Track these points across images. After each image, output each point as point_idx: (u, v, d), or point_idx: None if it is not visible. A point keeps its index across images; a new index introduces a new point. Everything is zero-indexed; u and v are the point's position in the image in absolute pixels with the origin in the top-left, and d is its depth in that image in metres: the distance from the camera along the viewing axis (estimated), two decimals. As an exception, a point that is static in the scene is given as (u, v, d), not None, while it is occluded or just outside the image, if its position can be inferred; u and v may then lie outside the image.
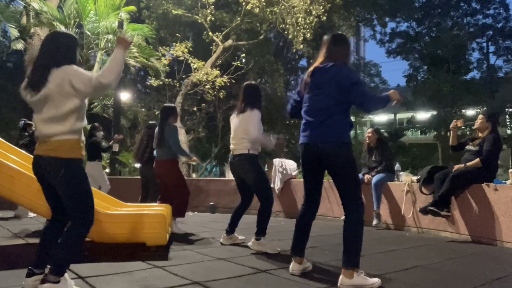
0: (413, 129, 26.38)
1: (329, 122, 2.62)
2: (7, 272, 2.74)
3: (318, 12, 11.88)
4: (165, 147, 4.72)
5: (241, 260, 3.22)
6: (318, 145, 2.64)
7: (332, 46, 2.74)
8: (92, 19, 10.09)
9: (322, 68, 2.70)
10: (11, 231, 4.61)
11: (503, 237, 4.03)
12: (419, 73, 24.99)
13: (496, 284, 2.63)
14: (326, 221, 6.02)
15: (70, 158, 2.19)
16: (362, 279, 2.50)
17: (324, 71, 2.68)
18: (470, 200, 4.38)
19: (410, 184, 5.08)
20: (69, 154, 2.19)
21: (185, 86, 13.20)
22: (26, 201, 3.46)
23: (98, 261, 3.06)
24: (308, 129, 2.71)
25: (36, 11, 9.90)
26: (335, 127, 2.62)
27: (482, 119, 4.55)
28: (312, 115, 2.71)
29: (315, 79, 2.72)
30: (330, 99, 2.63)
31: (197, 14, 13.15)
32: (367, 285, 2.48)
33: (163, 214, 3.67)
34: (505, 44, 25.29)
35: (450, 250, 3.87)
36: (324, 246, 3.86)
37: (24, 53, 10.68)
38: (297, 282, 2.61)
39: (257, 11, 12.06)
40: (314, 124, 2.67)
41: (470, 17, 25.53)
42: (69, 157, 2.19)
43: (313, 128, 2.68)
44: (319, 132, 2.64)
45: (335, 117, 2.62)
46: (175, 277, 2.64)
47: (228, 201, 7.12)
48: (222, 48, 13.53)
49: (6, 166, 3.39)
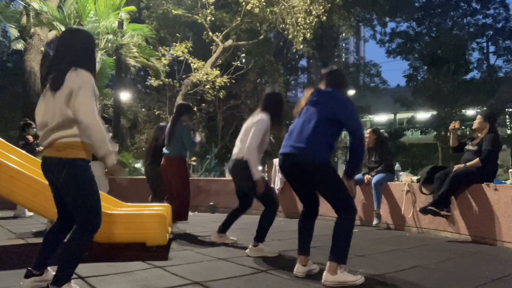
0: (413, 129, 26.39)
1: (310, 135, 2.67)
2: (7, 272, 2.74)
3: (318, 12, 11.88)
4: (175, 144, 4.64)
5: (241, 260, 3.22)
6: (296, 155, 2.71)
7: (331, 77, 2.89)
8: (92, 19, 10.08)
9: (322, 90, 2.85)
10: (11, 231, 4.61)
11: (503, 237, 4.03)
12: (419, 73, 24.98)
13: (496, 284, 2.63)
14: (326, 221, 6.02)
15: (73, 158, 2.16)
16: (345, 275, 2.55)
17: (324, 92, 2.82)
18: (470, 200, 4.38)
19: (410, 184, 5.08)
20: (72, 154, 2.16)
21: (185, 86, 13.21)
22: (26, 201, 3.46)
23: (98, 261, 3.05)
24: (290, 140, 2.78)
25: (36, 11, 9.90)
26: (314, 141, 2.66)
27: (480, 119, 4.56)
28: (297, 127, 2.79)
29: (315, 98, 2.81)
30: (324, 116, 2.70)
31: (197, 14, 13.16)
32: (350, 282, 2.52)
33: (163, 214, 3.67)
34: (505, 44, 25.29)
35: (450, 250, 3.87)
36: (324, 246, 3.84)
37: (24, 53, 10.69)
38: (297, 282, 2.61)
39: (257, 11, 12.07)
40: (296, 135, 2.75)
41: (470, 17, 25.52)
42: (73, 157, 2.16)
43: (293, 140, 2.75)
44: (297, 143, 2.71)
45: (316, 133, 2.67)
46: (175, 277, 2.64)
47: (228, 201, 7.11)
48: (222, 48, 13.54)
49: (6, 166, 3.39)
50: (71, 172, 2.15)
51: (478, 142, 4.45)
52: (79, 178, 2.18)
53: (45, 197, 3.41)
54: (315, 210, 2.96)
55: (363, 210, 5.65)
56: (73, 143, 2.16)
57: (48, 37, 11.36)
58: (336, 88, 2.82)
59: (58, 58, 2.22)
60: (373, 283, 2.63)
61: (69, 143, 2.15)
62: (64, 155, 2.15)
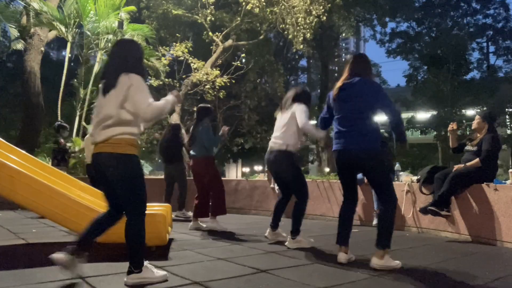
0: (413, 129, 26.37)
1: (357, 130, 3.02)
2: (7, 272, 2.74)
3: (318, 12, 11.88)
4: (199, 145, 4.87)
5: (241, 260, 3.22)
6: (351, 151, 3.05)
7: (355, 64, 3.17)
8: (92, 19, 10.09)
9: (348, 83, 3.11)
10: (11, 231, 4.61)
11: (503, 237, 4.03)
12: (419, 73, 24.97)
13: (496, 284, 2.63)
14: (326, 221, 6.02)
15: (126, 154, 2.37)
16: (390, 261, 2.95)
17: (350, 85, 3.09)
18: (470, 200, 4.38)
19: (410, 184, 5.08)
20: (127, 150, 2.37)
21: (185, 86, 13.20)
22: (26, 201, 3.46)
23: (98, 261, 3.05)
24: (341, 138, 3.10)
25: (36, 11, 9.91)
26: (364, 134, 3.01)
27: (478, 120, 4.56)
28: (343, 125, 3.11)
29: (344, 93, 3.11)
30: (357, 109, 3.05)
31: (197, 14, 13.15)
32: (393, 266, 2.93)
33: (163, 214, 3.67)
34: (505, 44, 25.30)
35: (450, 250, 3.87)
36: (324, 246, 3.86)
37: (24, 53, 10.69)
38: (297, 282, 2.61)
39: (257, 11, 12.06)
40: (345, 132, 3.08)
41: (470, 17, 25.54)
42: (127, 153, 2.37)
43: (345, 137, 3.08)
44: (350, 140, 3.04)
45: (362, 125, 3.03)
46: (175, 277, 2.64)
47: (228, 201, 7.07)
48: (222, 48, 13.53)
49: (6, 166, 3.39)
50: (126, 167, 2.38)
51: (478, 143, 4.45)
52: (132, 173, 2.40)
53: (45, 197, 3.42)
54: (356, 196, 3.29)
55: (363, 210, 5.65)
56: (128, 140, 2.38)
57: (48, 37, 11.37)
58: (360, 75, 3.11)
59: (111, 65, 2.51)
60: (373, 283, 2.63)
61: (124, 140, 2.37)
62: (120, 150, 2.36)
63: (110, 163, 2.36)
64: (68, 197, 3.51)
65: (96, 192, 4.50)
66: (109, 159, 2.36)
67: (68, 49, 10.45)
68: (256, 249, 3.71)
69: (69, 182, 4.42)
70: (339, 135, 3.13)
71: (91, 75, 10.36)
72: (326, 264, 3.14)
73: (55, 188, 3.56)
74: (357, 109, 3.04)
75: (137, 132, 2.45)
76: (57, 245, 3.82)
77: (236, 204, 7.19)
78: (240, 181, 7.43)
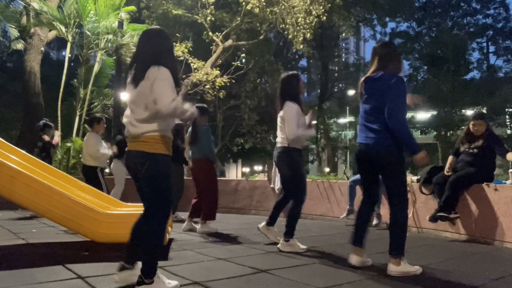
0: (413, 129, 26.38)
1: (378, 126, 2.88)
2: (7, 272, 2.73)
3: (318, 12, 11.87)
4: (199, 146, 4.83)
5: (241, 260, 3.22)
6: (369, 147, 2.93)
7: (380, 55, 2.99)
8: (92, 19, 10.08)
9: (371, 78, 2.98)
10: (11, 231, 4.61)
11: (503, 237, 4.03)
12: (419, 73, 25.00)
13: (496, 284, 2.63)
14: (326, 221, 6.02)
15: (155, 153, 2.28)
16: (408, 266, 2.82)
17: (373, 80, 2.96)
18: (470, 200, 4.38)
19: (410, 184, 5.08)
20: (154, 149, 2.28)
21: (185, 86, 13.19)
22: (26, 201, 3.46)
23: (98, 261, 3.05)
24: (362, 131, 3.01)
25: (36, 11, 9.90)
26: (384, 132, 2.85)
27: (481, 123, 4.45)
28: (366, 118, 2.99)
29: (366, 87, 3.00)
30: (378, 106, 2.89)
31: (197, 14, 13.14)
32: (412, 272, 2.81)
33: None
34: (505, 44, 25.33)
35: (450, 250, 3.87)
36: (324, 246, 3.86)
37: (24, 53, 10.69)
38: (297, 282, 2.61)
39: (257, 11, 12.05)
40: (367, 127, 2.96)
41: (470, 17, 25.55)
42: (154, 152, 2.28)
43: (366, 131, 2.97)
44: (371, 136, 2.92)
45: (384, 121, 2.85)
46: (175, 277, 2.64)
47: (228, 201, 7.11)
48: (222, 48, 13.52)
49: (6, 166, 3.39)
50: (153, 167, 2.28)
51: (480, 145, 4.39)
52: (158, 173, 2.30)
53: (45, 197, 3.42)
54: (375, 198, 3.19)
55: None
56: (157, 137, 2.29)
57: (48, 37, 11.36)
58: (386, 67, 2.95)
59: (140, 57, 2.38)
60: (373, 283, 2.63)
61: (153, 137, 2.28)
62: (148, 149, 2.28)
63: (138, 161, 2.29)
64: (68, 197, 3.51)
65: (96, 192, 4.51)
66: (137, 157, 2.29)
67: (68, 49, 10.44)
68: (256, 249, 3.71)
69: (69, 182, 4.42)
70: (361, 128, 3.05)
71: (91, 75, 10.35)
72: (326, 264, 3.14)
73: (55, 188, 3.56)
74: (378, 105, 2.88)
75: (166, 129, 2.35)
76: (57, 245, 3.84)
77: (236, 204, 7.19)
78: (240, 181, 7.42)
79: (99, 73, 10.99)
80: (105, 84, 12.07)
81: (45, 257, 3.24)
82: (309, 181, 6.61)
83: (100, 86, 11.67)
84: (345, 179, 6.63)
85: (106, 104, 11.99)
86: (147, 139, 2.28)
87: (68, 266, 2.87)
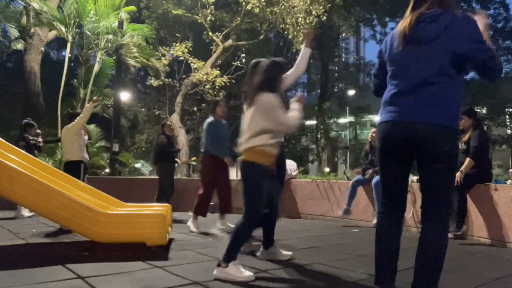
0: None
1: (431, 94, 1.85)
2: (7, 272, 2.73)
3: (318, 12, 11.87)
4: (203, 142, 4.90)
5: (241, 260, 3.21)
6: (412, 125, 1.87)
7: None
8: (92, 19, 10.08)
9: (428, 15, 1.91)
10: (11, 231, 4.61)
11: (504, 237, 4.03)
12: (419, 73, 24.97)
13: (496, 284, 2.63)
14: (326, 221, 6.02)
15: (250, 161, 2.68)
16: None
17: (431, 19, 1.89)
18: (470, 200, 4.38)
19: (410, 184, 5.07)
20: (251, 158, 2.68)
21: (185, 86, 13.20)
22: (26, 201, 3.46)
23: (98, 261, 3.05)
24: (397, 103, 1.93)
25: (36, 11, 9.91)
26: (442, 102, 1.84)
27: (464, 118, 4.44)
28: (405, 81, 1.92)
29: (416, 31, 1.91)
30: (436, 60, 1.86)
31: (197, 14, 13.14)
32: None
33: (163, 214, 3.67)
34: (505, 44, 25.30)
35: (450, 250, 3.84)
36: (324, 246, 3.86)
37: (24, 53, 10.69)
38: (297, 282, 2.61)
39: (257, 11, 12.06)
40: (408, 94, 1.90)
41: (470, 17, 25.51)
42: (250, 160, 2.68)
43: (406, 101, 1.90)
44: (415, 107, 1.87)
45: (441, 87, 1.85)
46: (175, 277, 2.64)
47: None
48: (222, 48, 13.52)
49: (6, 166, 3.39)
50: (245, 173, 2.71)
51: (466, 141, 4.39)
52: (247, 177, 2.72)
53: (45, 197, 3.42)
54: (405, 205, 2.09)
55: (363, 210, 5.65)
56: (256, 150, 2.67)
57: (48, 37, 11.37)
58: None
59: (252, 84, 2.89)
60: (373, 283, 2.63)
61: (255, 150, 2.68)
62: (248, 158, 2.69)
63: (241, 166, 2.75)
64: (68, 197, 3.51)
65: (96, 192, 4.51)
66: (241, 164, 2.74)
67: (68, 49, 10.45)
68: (256, 249, 3.70)
69: (69, 182, 4.42)
70: (397, 99, 1.93)
71: (91, 75, 10.35)
72: (326, 264, 3.14)
73: (55, 188, 3.56)
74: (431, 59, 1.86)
75: (268, 143, 2.69)
76: (57, 245, 3.84)
77: (236, 204, 7.17)
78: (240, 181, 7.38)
79: (99, 73, 10.99)
80: (105, 84, 12.07)
81: (45, 257, 3.24)
82: (309, 181, 6.61)
83: (100, 86, 11.67)
84: (345, 179, 6.63)
85: (106, 104, 12.00)
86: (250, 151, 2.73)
87: (68, 266, 2.87)
